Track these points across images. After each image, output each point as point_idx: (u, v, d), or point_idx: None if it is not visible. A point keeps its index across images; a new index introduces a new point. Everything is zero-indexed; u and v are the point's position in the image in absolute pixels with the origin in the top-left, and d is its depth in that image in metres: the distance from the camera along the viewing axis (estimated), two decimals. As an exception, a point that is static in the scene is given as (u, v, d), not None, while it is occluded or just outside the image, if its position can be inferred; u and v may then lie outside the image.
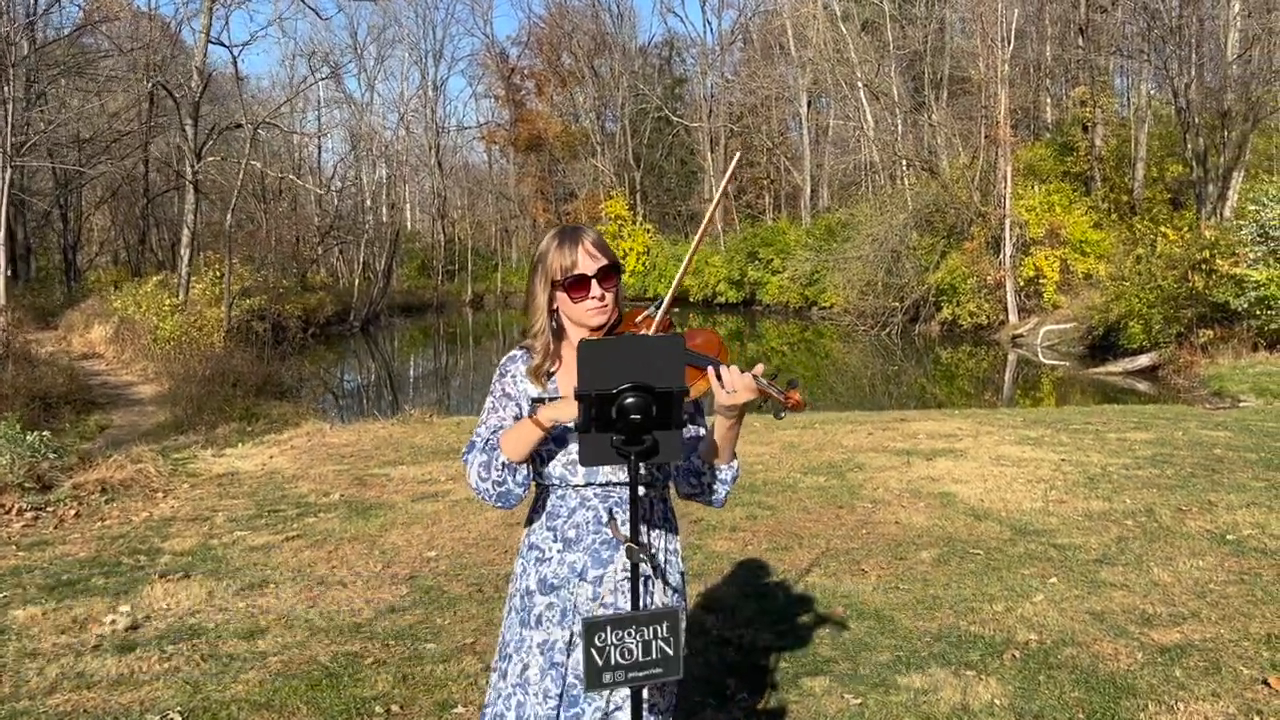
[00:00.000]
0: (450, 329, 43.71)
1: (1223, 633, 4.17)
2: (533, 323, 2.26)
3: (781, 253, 38.68)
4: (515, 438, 2.12)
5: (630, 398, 1.74)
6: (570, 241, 2.21)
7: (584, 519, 2.18)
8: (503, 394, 2.28)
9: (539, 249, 2.27)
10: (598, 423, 1.78)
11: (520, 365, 2.29)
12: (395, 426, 10.90)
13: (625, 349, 1.75)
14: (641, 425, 1.76)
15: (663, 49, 56.98)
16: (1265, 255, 17.72)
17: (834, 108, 42.67)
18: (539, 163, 58.07)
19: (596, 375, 1.75)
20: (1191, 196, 27.61)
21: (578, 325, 2.25)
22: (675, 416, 1.79)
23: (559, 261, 2.19)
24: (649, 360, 1.74)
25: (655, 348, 1.74)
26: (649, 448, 1.80)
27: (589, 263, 2.19)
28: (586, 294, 2.19)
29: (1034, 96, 37.88)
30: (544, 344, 2.25)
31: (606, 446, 1.81)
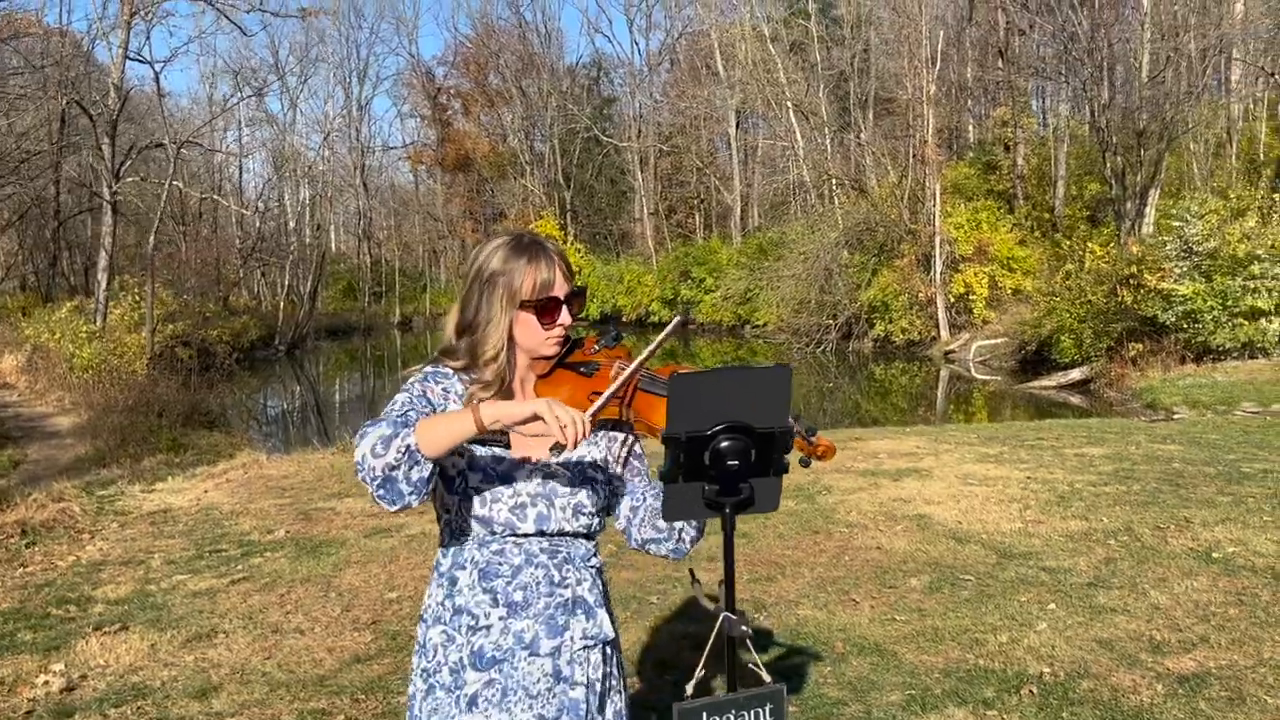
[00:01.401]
0: (378, 351, 42.89)
1: (1237, 659, 4.03)
2: (483, 348, 1.88)
3: (714, 271, 38.77)
4: (439, 426, 1.66)
5: (726, 440, 1.48)
6: (543, 256, 1.87)
7: (533, 578, 1.86)
8: (421, 395, 1.86)
9: (493, 259, 1.88)
10: (686, 470, 1.51)
11: (454, 383, 1.91)
12: (336, 456, 10.42)
13: (725, 381, 1.48)
14: (739, 472, 1.50)
15: (591, 69, 56.96)
16: (1190, 270, 18.15)
17: (763, 128, 43.02)
18: (467, 183, 57.49)
19: (688, 413, 1.47)
20: (1110, 213, 28.30)
21: (525, 352, 1.92)
22: (777, 461, 1.52)
23: (531, 278, 1.85)
24: (752, 395, 1.47)
25: (761, 381, 1.48)
26: (746, 498, 1.53)
27: (563, 284, 1.88)
28: (556, 320, 1.87)
29: (957, 117, 38.64)
30: (498, 372, 1.88)
31: (695, 498, 1.53)
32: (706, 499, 1.53)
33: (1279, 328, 17.21)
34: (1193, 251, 18.30)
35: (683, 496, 1.53)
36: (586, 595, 1.91)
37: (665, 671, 4.23)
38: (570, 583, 1.90)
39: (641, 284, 43.55)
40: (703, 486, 1.52)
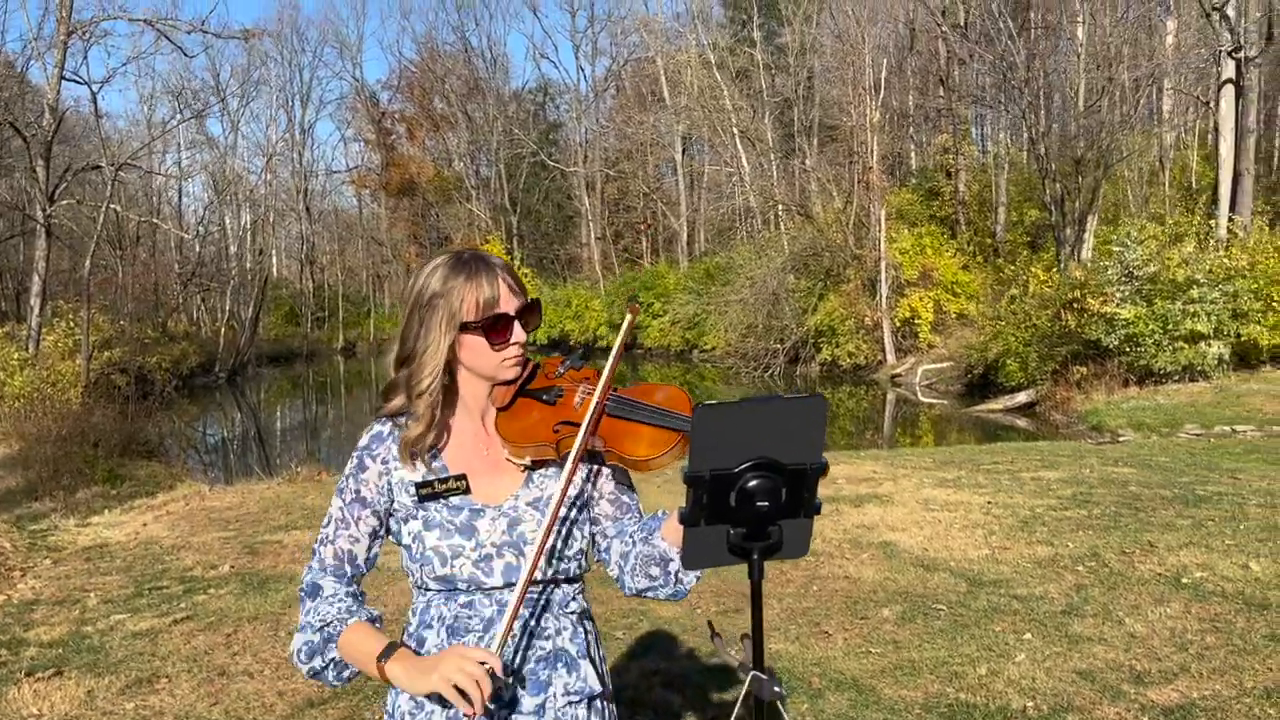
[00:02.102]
0: (321, 378, 42.19)
1: (1219, 689, 3.97)
2: (417, 379, 1.69)
3: (661, 296, 38.77)
4: (353, 653, 1.65)
5: (755, 478, 1.33)
6: (484, 270, 1.69)
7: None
8: (355, 498, 1.72)
9: (431, 280, 1.70)
10: (710, 512, 1.36)
11: (391, 446, 1.73)
12: (282, 486, 10.10)
13: (754, 413, 1.33)
14: (769, 514, 1.35)
15: (537, 94, 56.97)
16: (1131, 294, 18.46)
17: (709, 154, 43.26)
18: (411, 207, 56.99)
19: (712, 449, 1.33)
20: (1049, 239, 28.81)
21: (483, 379, 1.74)
22: (809, 500, 1.38)
23: (473, 295, 1.67)
24: (783, 428, 1.33)
25: (792, 412, 1.33)
26: (775, 542, 1.39)
27: (510, 299, 1.70)
28: (508, 339, 1.69)
29: (899, 143, 39.21)
30: (429, 407, 1.70)
31: (719, 543, 1.39)
32: (732, 544, 1.38)
33: (1217, 351, 17.55)
34: (1133, 276, 18.64)
35: (704, 542, 1.39)
36: (568, 646, 1.73)
37: (636, 711, 4.06)
38: (550, 633, 1.72)
39: (589, 309, 43.42)
40: (727, 530, 1.38)
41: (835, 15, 35.60)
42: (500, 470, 1.75)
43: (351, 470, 1.74)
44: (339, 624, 1.67)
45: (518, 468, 1.75)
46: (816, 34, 37.75)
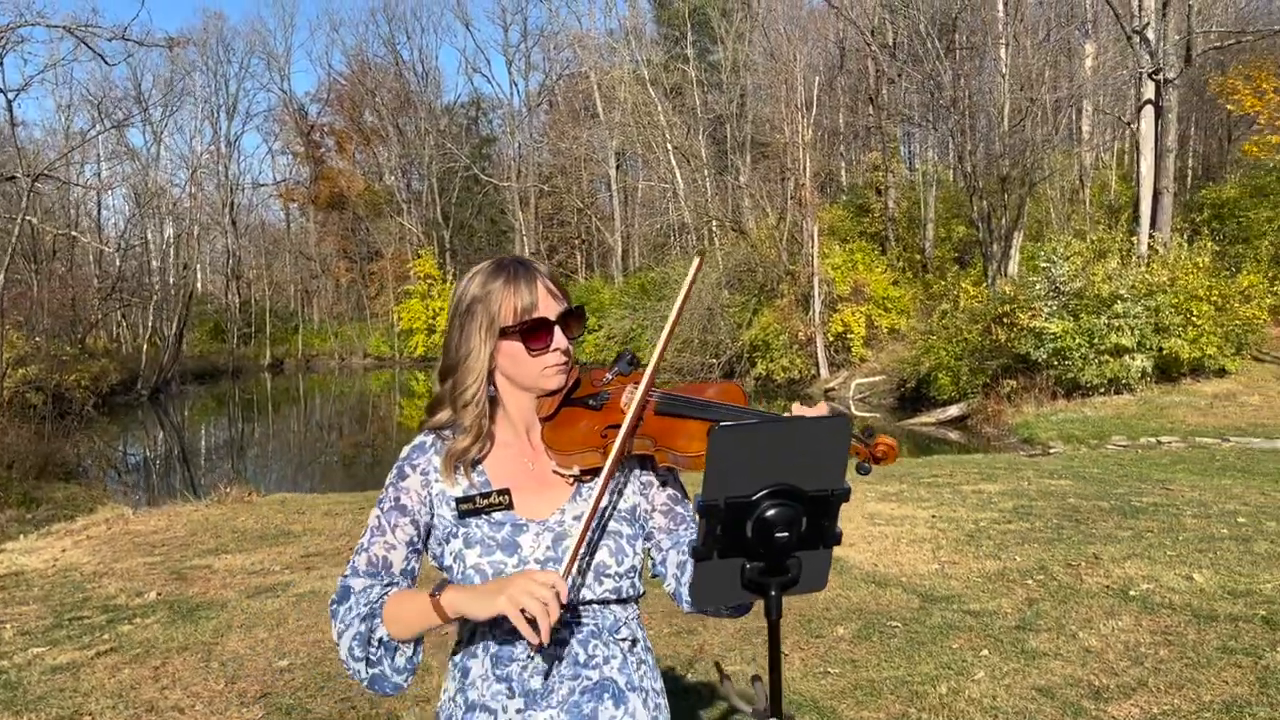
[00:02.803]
0: (247, 395, 41.27)
1: (1179, 704, 3.96)
2: (461, 389, 1.64)
3: (596, 311, 38.64)
4: (405, 615, 1.55)
5: (774, 507, 1.22)
6: (524, 276, 1.64)
7: (551, 660, 1.59)
8: (394, 506, 1.66)
9: (469, 287, 1.66)
10: (724, 544, 1.25)
11: (433, 458, 1.67)
12: (211, 508, 9.74)
13: (772, 436, 1.22)
14: (787, 545, 1.24)
15: (469, 108, 56.61)
16: (1058, 309, 18.86)
17: (643, 169, 43.36)
18: (341, 221, 56.10)
19: (729, 474, 1.21)
20: (976, 255, 29.39)
21: (524, 390, 1.67)
22: (829, 530, 1.28)
23: (511, 301, 1.62)
24: (802, 451, 1.22)
25: (813, 433, 1.23)
26: (793, 576, 1.28)
27: (551, 304, 1.64)
28: (548, 345, 1.63)
29: (830, 161, 39.73)
30: (477, 418, 1.64)
31: (732, 578, 1.27)
32: (747, 578, 1.27)
33: (1141, 364, 17.99)
34: (1060, 291, 19.04)
35: (717, 577, 1.27)
36: (616, 676, 1.62)
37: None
38: (598, 661, 1.61)
39: (523, 324, 43.14)
40: (742, 564, 1.26)
41: (768, 33, 35.99)
42: (546, 484, 1.66)
43: (392, 479, 1.68)
44: (379, 601, 1.59)
45: (566, 480, 1.66)
46: (749, 52, 38.11)
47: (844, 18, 34.00)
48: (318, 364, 53.40)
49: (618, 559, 1.63)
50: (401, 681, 1.60)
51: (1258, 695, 3.99)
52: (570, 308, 1.67)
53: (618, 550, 1.63)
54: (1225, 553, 6.32)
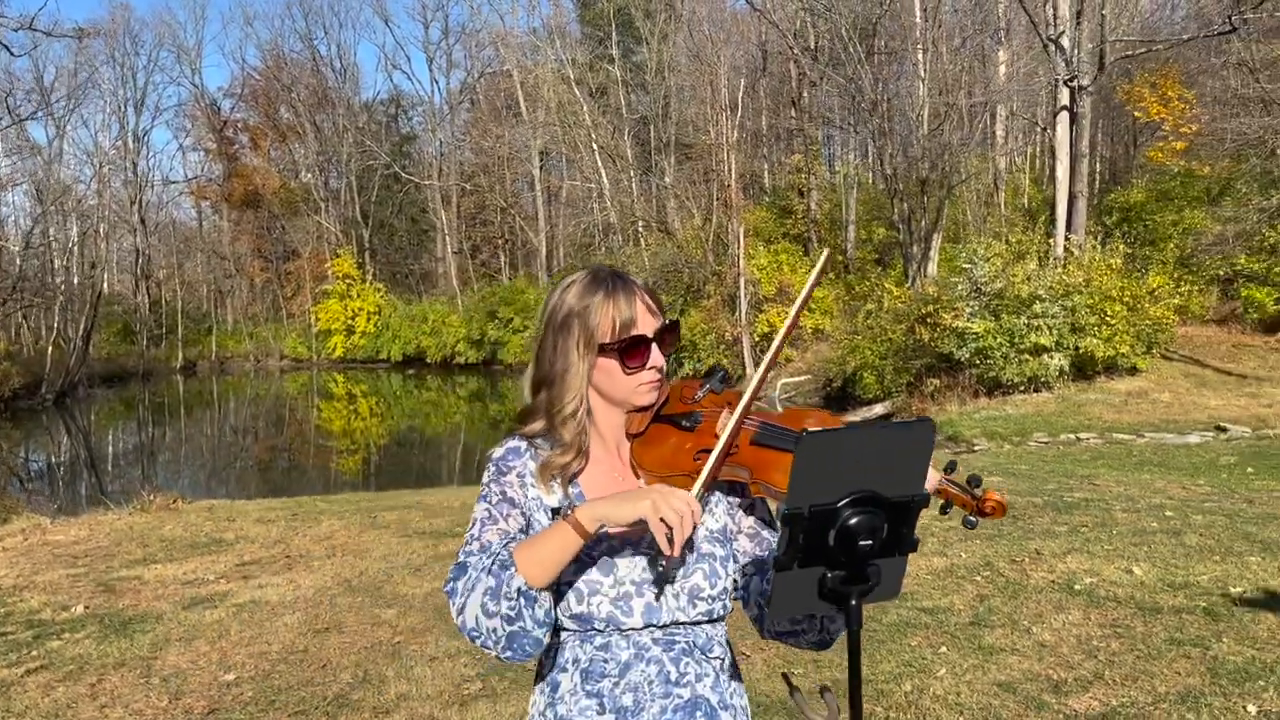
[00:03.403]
0: (158, 399, 40.05)
1: (1136, 695, 4.05)
2: (560, 404, 1.60)
3: (521, 312, 38.41)
4: (541, 550, 1.48)
5: (857, 515, 1.19)
6: (621, 289, 1.61)
7: (644, 677, 1.56)
8: (503, 499, 1.62)
9: (567, 298, 1.62)
10: (805, 553, 1.20)
11: (528, 462, 1.64)
12: (134, 516, 9.38)
13: (861, 442, 1.18)
14: (869, 553, 1.21)
15: (389, 105, 55.77)
16: (980, 309, 19.29)
17: (567, 169, 43.21)
18: (256, 220, 54.76)
19: (814, 481, 1.17)
20: (896, 256, 29.97)
21: (616, 405, 1.65)
22: (907, 537, 1.25)
23: (610, 316, 1.58)
24: (887, 457, 1.19)
25: (900, 439, 1.19)
26: (873, 584, 1.24)
27: (648, 320, 1.61)
28: (644, 363, 1.60)
29: (753, 163, 40.10)
30: (577, 434, 1.61)
31: (810, 588, 1.23)
32: (829, 588, 1.23)
33: (1059, 363, 18.50)
34: (981, 292, 19.48)
35: (795, 587, 1.23)
36: (709, 694, 1.59)
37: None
38: (690, 679, 1.58)
39: (447, 324, 42.64)
40: (822, 573, 1.22)
41: (692, 34, 36.15)
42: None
43: (491, 476, 1.64)
44: (504, 551, 1.52)
45: None
46: (673, 53, 38.25)
47: (766, 20, 34.33)
48: (232, 366, 52.06)
49: (711, 582, 1.60)
50: (542, 637, 1.51)
51: (1210, 685, 4.10)
52: (666, 323, 1.63)
53: (711, 573, 1.60)
54: (1159, 546, 6.51)
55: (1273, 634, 4.67)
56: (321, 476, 20.08)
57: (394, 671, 4.79)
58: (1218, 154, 26.51)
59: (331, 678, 4.75)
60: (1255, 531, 6.88)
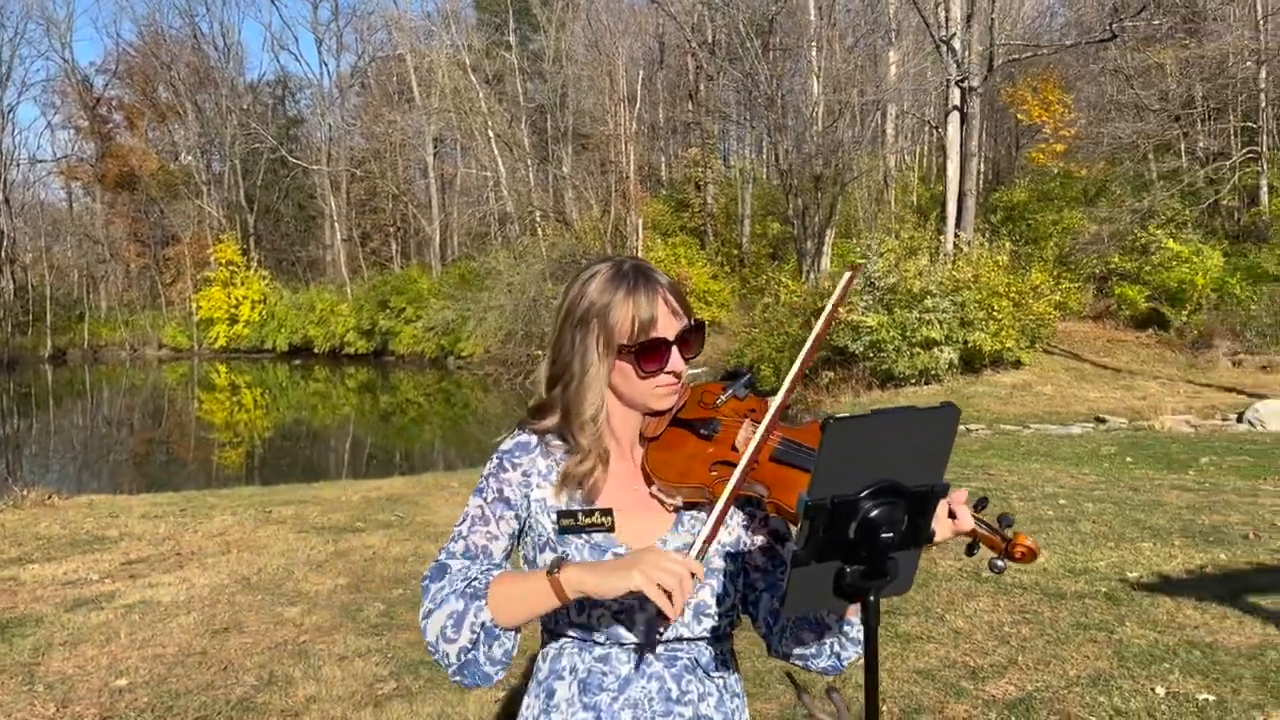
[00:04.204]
0: (24, 389, 38.01)
1: (1050, 680, 4.14)
2: (579, 407, 1.52)
3: (414, 301, 37.70)
4: (516, 593, 1.42)
5: (879, 506, 1.12)
6: (644, 286, 1.51)
7: (645, 694, 1.48)
8: (498, 497, 1.54)
9: (586, 292, 1.53)
10: (823, 546, 1.13)
11: (537, 460, 1.56)
12: (5, 513, 8.81)
13: (885, 429, 1.11)
14: (889, 545, 1.14)
15: (276, 87, 54.01)
16: (874, 304, 19.72)
17: (461, 157, 42.56)
18: (133, 202, 52.34)
19: (838, 472, 1.10)
20: (790, 251, 30.44)
21: (631, 408, 1.56)
22: (925, 528, 1.19)
23: (629, 315, 1.49)
24: (909, 444, 1.13)
25: (923, 425, 1.13)
26: (891, 578, 1.18)
27: (670, 322, 1.52)
28: (662, 365, 1.52)
29: (651, 155, 40.20)
30: (597, 439, 1.52)
31: (825, 583, 1.16)
32: (847, 584, 1.16)
33: (949, 356, 19.04)
34: (875, 286, 19.91)
35: (812, 582, 1.16)
36: (713, 713, 1.51)
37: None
38: (692, 698, 1.50)
39: (336, 314, 41.56)
40: (841, 568, 1.15)
41: (591, 24, 35.99)
42: (648, 509, 1.53)
43: (492, 470, 1.57)
44: (483, 577, 1.46)
45: (666, 507, 1.53)
46: (570, 42, 38.01)
47: (664, 12, 34.41)
48: (106, 355, 49.74)
49: (719, 599, 1.53)
50: (494, 673, 1.45)
51: (1118, 668, 4.22)
52: (690, 324, 1.54)
53: (720, 590, 1.53)
54: (1057, 533, 6.71)
55: (1171, 617, 4.84)
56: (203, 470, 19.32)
57: (301, 672, 4.59)
58: (1094, 157, 27.73)
59: (234, 680, 4.51)
60: (1144, 518, 7.16)
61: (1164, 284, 21.31)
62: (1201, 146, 24.72)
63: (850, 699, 4.01)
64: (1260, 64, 23.25)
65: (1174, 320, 21.25)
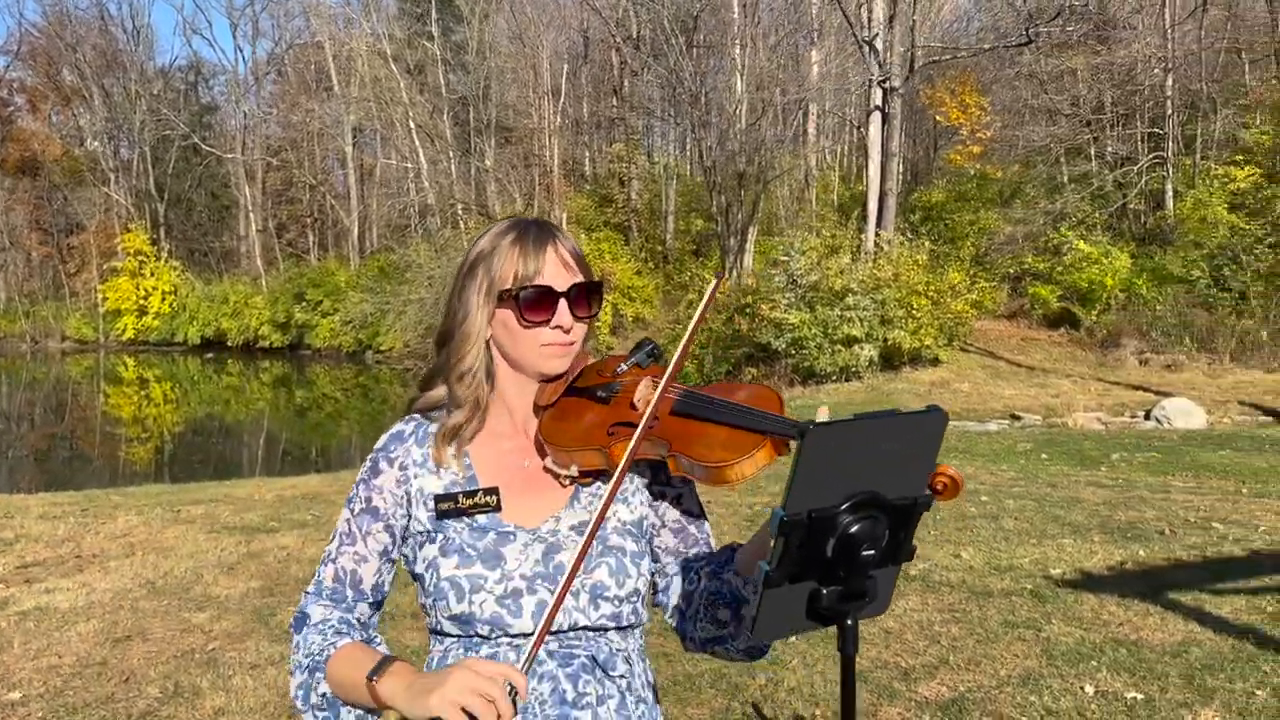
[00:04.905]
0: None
1: (981, 680, 4.12)
2: (458, 358, 1.41)
3: (331, 294, 36.89)
4: (344, 684, 1.32)
5: (860, 520, 1.01)
6: (534, 239, 1.40)
7: (533, 696, 1.33)
8: (365, 509, 1.43)
9: (479, 242, 1.44)
10: (798, 565, 1.02)
11: (412, 449, 1.44)
12: (-111, 515, 8.30)
13: (869, 434, 1.00)
14: (869, 563, 1.04)
15: (188, 73, 52.39)
16: (796, 301, 19.86)
17: (381, 148, 41.78)
18: (34, 189, 50.22)
19: (817, 482, 0.99)
20: (713, 247, 30.54)
21: (521, 372, 1.43)
22: (905, 544, 1.08)
23: (513, 265, 1.38)
24: (891, 452, 1.02)
25: (908, 431, 1.02)
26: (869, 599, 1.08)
27: (560, 274, 1.40)
28: (548, 319, 1.38)
29: (575, 150, 39.94)
30: (474, 392, 1.41)
31: (797, 605, 1.05)
32: (824, 606, 1.05)
33: (869, 353, 19.27)
34: (797, 284, 20.06)
35: (783, 604, 1.05)
36: (613, 718, 1.36)
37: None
38: (590, 700, 1.35)
39: (250, 306, 40.45)
40: (815, 589, 1.05)
41: (516, 16, 35.62)
42: (540, 486, 1.41)
43: (364, 475, 1.45)
44: (325, 650, 1.36)
45: (561, 483, 1.40)
46: (494, 34, 37.57)
47: (589, 6, 34.20)
48: (5, 347, 47.70)
49: (618, 580, 1.37)
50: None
51: (1046, 667, 4.23)
52: (584, 282, 1.42)
53: (619, 569, 1.37)
54: (981, 530, 6.77)
55: (1096, 614, 4.88)
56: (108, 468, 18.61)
57: (209, 682, 4.36)
58: (1010, 159, 28.34)
59: (136, 692, 4.26)
60: (1063, 514, 7.26)
61: (1075, 284, 21.86)
62: (1111, 151, 25.42)
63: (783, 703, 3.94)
64: (1167, 72, 23.98)
65: (1084, 320, 21.82)
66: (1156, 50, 24.17)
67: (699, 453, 1.25)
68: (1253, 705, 3.74)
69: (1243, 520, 7.02)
